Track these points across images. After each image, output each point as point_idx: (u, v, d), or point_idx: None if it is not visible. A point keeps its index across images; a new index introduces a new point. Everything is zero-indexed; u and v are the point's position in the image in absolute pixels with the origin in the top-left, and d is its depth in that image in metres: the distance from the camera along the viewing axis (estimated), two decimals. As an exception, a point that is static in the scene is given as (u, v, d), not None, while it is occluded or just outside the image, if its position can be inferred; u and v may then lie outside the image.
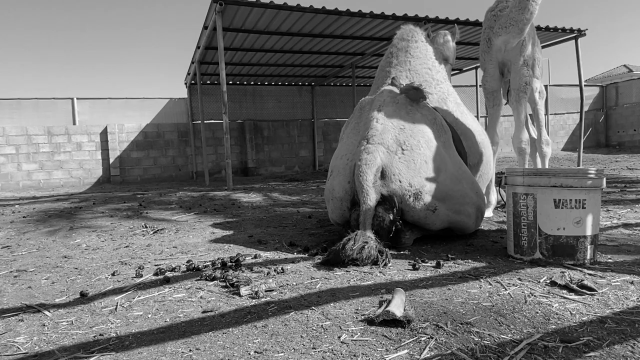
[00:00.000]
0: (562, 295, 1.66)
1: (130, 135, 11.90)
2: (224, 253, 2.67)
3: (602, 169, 2.10)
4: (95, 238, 3.40)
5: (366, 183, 2.45)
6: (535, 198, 2.12)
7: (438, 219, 2.54)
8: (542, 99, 4.86)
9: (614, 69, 28.65)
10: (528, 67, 4.11)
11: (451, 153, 2.79)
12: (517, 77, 4.17)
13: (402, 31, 3.46)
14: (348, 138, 2.90)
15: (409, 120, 2.73)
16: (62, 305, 1.80)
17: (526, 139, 4.24)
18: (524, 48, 4.09)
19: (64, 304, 1.81)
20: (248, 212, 4.63)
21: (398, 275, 2.02)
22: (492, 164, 3.55)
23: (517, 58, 4.15)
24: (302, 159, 13.67)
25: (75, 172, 11.43)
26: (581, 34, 9.05)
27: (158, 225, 3.86)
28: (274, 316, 1.55)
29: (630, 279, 1.82)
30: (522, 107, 4.22)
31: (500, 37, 3.99)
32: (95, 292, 1.94)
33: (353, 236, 2.25)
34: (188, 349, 1.31)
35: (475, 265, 2.14)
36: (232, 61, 10.53)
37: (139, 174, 11.93)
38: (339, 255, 2.20)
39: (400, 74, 3.21)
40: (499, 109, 4.52)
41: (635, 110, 15.21)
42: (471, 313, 1.51)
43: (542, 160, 5.02)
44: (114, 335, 1.45)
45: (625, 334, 1.31)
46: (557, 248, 2.09)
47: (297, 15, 7.58)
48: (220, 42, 6.91)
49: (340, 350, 1.27)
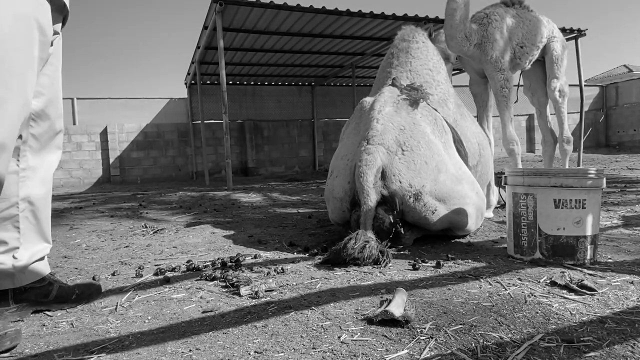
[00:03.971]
0: (562, 295, 1.66)
1: (130, 135, 11.90)
2: (224, 253, 2.67)
3: (602, 169, 2.10)
4: (95, 238, 3.40)
5: (366, 184, 2.45)
6: (535, 198, 2.12)
7: (438, 219, 2.54)
8: (564, 98, 4.86)
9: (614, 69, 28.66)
10: (502, 71, 4.19)
11: (451, 154, 2.79)
12: (492, 82, 4.28)
13: (403, 32, 3.46)
14: (348, 138, 2.90)
15: (410, 120, 2.73)
16: (62, 305, 1.80)
17: (514, 140, 4.30)
18: (486, 54, 4.16)
19: (64, 304, 1.81)
20: (248, 212, 4.63)
21: (398, 275, 2.02)
22: (491, 165, 3.55)
23: (486, 65, 4.23)
24: (302, 159, 13.67)
25: (75, 172, 11.43)
26: (581, 34, 9.05)
27: (158, 225, 3.86)
28: (274, 316, 1.55)
29: (630, 279, 1.82)
30: (505, 110, 4.29)
31: (447, 42, 4.13)
32: (95, 292, 1.94)
33: (354, 235, 2.25)
34: (188, 349, 1.31)
35: (475, 265, 2.14)
36: (232, 61, 10.54)
37: (139, 174, 11.93)
38: (340, 255, 2.20)
39: (401, 75, 3.21)
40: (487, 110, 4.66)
41: (635, 110, 15.22)
42: (471, 313, 1.51)
43: (562, 158, 5.08)
44: (114, 335, 1.45)
45: (625, 334, 1.31)
46: (557, 248, 2.09)
47: (297, 15, 7.58)
48: (220, 42, 6.91)
49: (340, 350, 1.27)
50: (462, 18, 3.86)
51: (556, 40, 4.74)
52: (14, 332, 1.37)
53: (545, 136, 5.31)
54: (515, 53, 4.32)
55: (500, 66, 4.14)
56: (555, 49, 4.71)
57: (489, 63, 4.14)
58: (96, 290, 1.85)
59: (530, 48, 4.40)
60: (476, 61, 4.26)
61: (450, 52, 4.07)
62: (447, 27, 3.90)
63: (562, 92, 4.81)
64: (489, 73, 4.21)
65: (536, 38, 4.44)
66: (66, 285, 1.76)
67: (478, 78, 4.58)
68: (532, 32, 4.42)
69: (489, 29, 4.12)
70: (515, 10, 4.45)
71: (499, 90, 4.19)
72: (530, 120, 15.17)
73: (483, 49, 4.11)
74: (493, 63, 4.13)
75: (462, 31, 3.91)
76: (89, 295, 1.79)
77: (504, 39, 4.20)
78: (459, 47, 3.99)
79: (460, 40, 3.94)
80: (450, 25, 3.87)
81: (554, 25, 4.77)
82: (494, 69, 4.14)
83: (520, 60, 4.37)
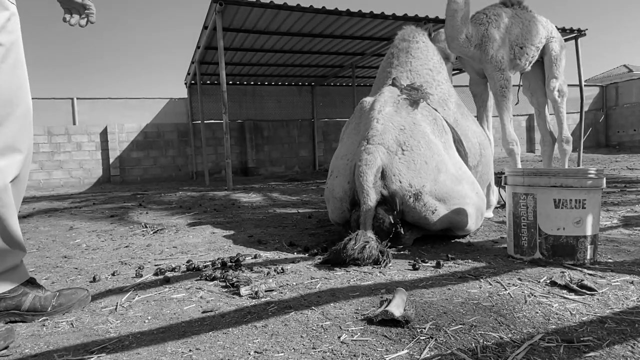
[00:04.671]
0: (562, 295, 1.66)
1: (130, 135, 11.90)
2: (224, 253, 2.67)
3: (602, 169, 2.10)
4: (95, 238, 3.40)
5: (366, 184, 2.45)
6: (535, 198, 2.12)
7: (438, 219, 2.54)
8: (563, 98, 4.87)
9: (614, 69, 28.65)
10: (502, 71, 4.19)
11: (451, 154, 2.79)
12: (492, 82, 4.28)
13: (403, 32, 3.46)
14: (348, 138, 2.90)
15: (410, 120, 2.73)
16: (62, 305, 1.79)
17: (513, 140, 4.30)
18: (486, 54, 4.17)
19: (64, 304, 1.81)
20: (248, 212, 4.63)
21: (398, 275, 2.02)
22: (492, 165, 3.56)
23: (486, 64, 4.24)
24: (302, 159, 13.67)
25: (75, 172, 11.43)
26: (581, 34, 9.05)
27: (158, 225, 3.86)
28: (274, 316, 1.55)
29: (630, 279, 1.82)
30: (504, 110, 4.30)
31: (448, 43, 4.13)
32: (95, 292, 1.94)
33: (354, 236, 2.25)
34: (188, 349, 1.31)
35: (475, 265, 2.14)
36: (232, 61, 10.54)
37: (139, 174, 11.93)
38: (340, 255, 2.19)
39: (401, 75, 3.21)
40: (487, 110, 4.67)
41: (635, 110, 15.22)
42: (471, 313, 1.51)
43: (561, 158, 5.09)
44: (114, 335, 1.45)
45: (625, 334, 1.31)
46: (557, 248, 2.09)
47: (297, 15, 7.58)
48: (220, 42, 6.91)
49: (340, 350, 1.27)
50: (464, 19, 3.86)
51: (554, 40, 4.74)
52: (5, 331, 1.37)
53: (544, 136, 5.31)
54: (515, 53, 4.32)
55: (501, 66, 4.14)
56: (553, 49, 4.71)
57: (489, 63, 4.14)
58: (83, 298, 1.73)
59: (529, 49, 4.41)
60: (476, 61, 4.27)
61: (450, 52, 4.07)
62: (449, 28, 3.90)
63: (561, 92, 4.81)
64: (489, 73, 4.22)
65: (535, 38, 4.44)
66: (44, 295, 1.65)
67: (478, 78, 4.59)
68: (531, 33, 4.42)
69: (489, 28, 4.12)
70: (514, 11, 4.45)
71: (499, 90, 4.19)
72: (530, 120, 15.18)
73: (483, 49, 4.12)
74: (493, 63, 4.13)
75: (463, 32, 3.92)
76: (70, 306, 1.68)
77: (504, 39, 4.20)
78: (459, 47, 4.00)
79: (462, 41, 3.95)
80: (452, 26, 3.86)
81: (552, 26, 4.77)
82: (494, 68, 4.14)
83: (520, 61, 4.37)
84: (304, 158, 13.62)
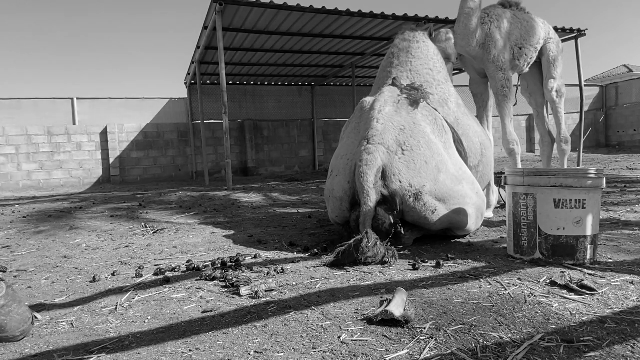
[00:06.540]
0: (562, 295, 1.66)
1: (130, 135, 11.89)
2: (224, 253, 2.67)
3: (602, 169, 2.10)
4: (95, 238, 3.40)
5: (367, 184, 2.45)
6: (535, 198, 2.12)
7: (438, 219, 2.54)
8: (561, 98, 4.88)
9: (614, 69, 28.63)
10: (503, 71, 4.20)
11: (451, 153, 2.79)
12: (493, 81, 4.29)
13: (403, 32, 3.46)
14: (348, 138, 2.90)
15: (410, 120, 2.73)
16: (62, 305, 1.80)
17: (514, 140, 4.31)
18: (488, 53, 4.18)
19: (64, 304, 1.81)
20: (248, 212, 4.63)
21: (398, 275, 2.02)
22: (492, 165, 3.56)
23: (488, 64, 4.25)
24: (302, 159, 13.66)
25: (75, 172, 11.43)
26: (581, 34, 9.04)
27: (158, 225, 3.86)
28: (274, 316, 1.55)
29: (630, 279, 1.82)
30: (505, 110, 4.30)
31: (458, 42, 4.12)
32: (96, 292, 1.94)
33: (365, 235, 2.23)
34: (188, 349, 1.31)
35: (475, 265, 2.14)
36: (232, 61, 10.53)
37: (139, 174, 11.92)
38: (352, 255, 2.17)
39: (401, 75, 3.21)
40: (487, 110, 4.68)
41: (635, 110, 15.21)
42: (471, 313, 1.51)
43: (560, 158, 5.10)
44: (114, 335, 1.45)
45: (625, 334, 1.31)
46: (557, 248, 2.09)
47: (297, 15, 7.58)
48: (220, 42, 6.91)
49: (340, 350, 1.27)
50: (478, 20, 3.90)
51: (552, 41, 4.76)
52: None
53: (543, 137, 5.32)
54: (514, 54, 4.33)
55: (502, 65, 4.15)
56: (551, 50, 4.72)
57: (490, 62, 4.14)
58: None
59: (528, 49, 4.42)
60: (478, 61, 4.27)
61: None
62: (462, 27, 3.89)
63: (559, 92, 4.82)
64: (490, 72, 4.22)
65: (533, 39, 4.45)
66: None
67: (478, 78, 4.60)
68: (530, 34, 4.43)
69: (491, 28, 4.13)
70: (513, 12, 4.46)
71: (499, 89, 4.19)
72: (530, 120, 15.17)
73: (486, 49, 4.12)
74: (495, 63, 4.14)
75: (475, 32, 3.93)
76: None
77: (504, 39, 4.21)
78: (468, 47, 4.00)
79: (472, 41, 3.96)
80: (465, 25, 3.86)
81: (549, 27, 4.79)
82: (496, 68, 4.14)
83: (519, 61, 4.38)
84: (304, 158, 13.61)
